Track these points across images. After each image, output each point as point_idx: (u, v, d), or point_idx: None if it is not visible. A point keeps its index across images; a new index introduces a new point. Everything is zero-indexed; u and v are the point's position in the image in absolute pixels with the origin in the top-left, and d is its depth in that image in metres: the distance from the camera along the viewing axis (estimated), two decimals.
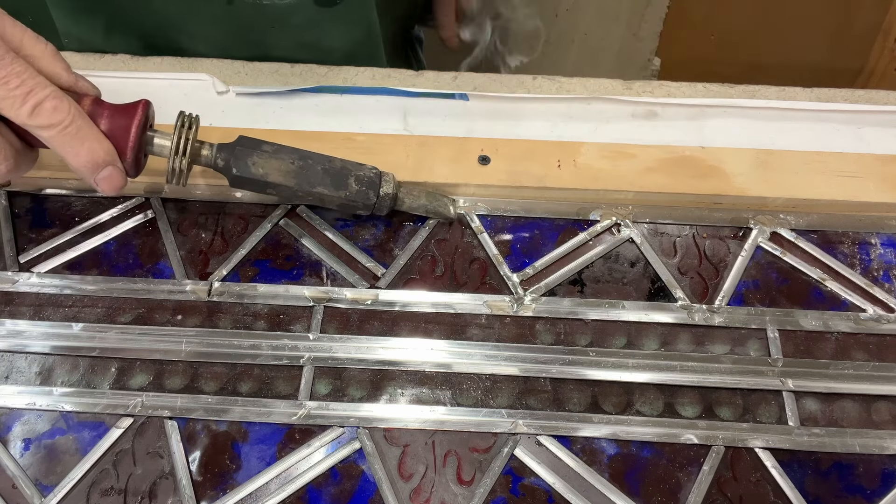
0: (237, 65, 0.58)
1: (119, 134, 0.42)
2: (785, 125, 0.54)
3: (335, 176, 0.46)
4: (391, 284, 0.48)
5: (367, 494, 0.42)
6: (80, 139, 0.40)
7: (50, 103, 0.39)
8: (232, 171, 0.45)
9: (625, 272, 0.49)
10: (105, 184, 0.42)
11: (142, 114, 0.43)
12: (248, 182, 0.46)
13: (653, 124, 0.54)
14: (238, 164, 0.45)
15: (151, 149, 0.44)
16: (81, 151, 0.41)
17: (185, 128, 0.44)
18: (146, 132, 0.44)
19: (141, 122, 0.43)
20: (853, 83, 1.34)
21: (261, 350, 0.46)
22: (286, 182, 0.46)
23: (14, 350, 0.46)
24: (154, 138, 0.44)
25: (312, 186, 0.46)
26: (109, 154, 0.42)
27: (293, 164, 0.46)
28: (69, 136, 0.40)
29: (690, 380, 0.45)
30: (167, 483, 0.42)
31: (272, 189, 0.46)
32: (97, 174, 0.42)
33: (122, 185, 0.43)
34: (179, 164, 0.44)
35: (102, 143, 0.41)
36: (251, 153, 0.45)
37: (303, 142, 0.49)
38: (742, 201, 0.50)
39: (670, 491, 0.42)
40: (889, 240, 0.50)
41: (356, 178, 0.47)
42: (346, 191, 0.46)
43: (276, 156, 0.46)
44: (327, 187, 0.46)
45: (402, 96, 0.56)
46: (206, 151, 0.45)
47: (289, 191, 0.46)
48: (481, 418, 0.44)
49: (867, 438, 0.43)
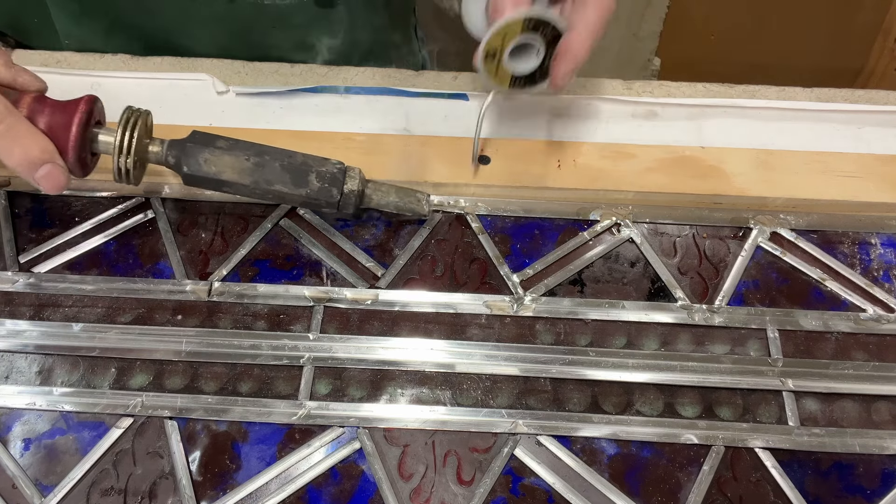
0: (237, 65, 0.58)
1: (59, 132, 0.40)
2: (785, 125, 0.54)
3: (295, 172, 0.44)
4: (391, 284, 0.48)
5: (367, 494, 0.42)
6: (11, 138, 0.39)
7: None
8: (183, 170, 0.43)
9: (625, 272, 0.49)
10: (45, 182, 0.40)
11: (84, 110, 0.41)
12: (202, 181, 0.43)
13: (653, 124, 0.54)
14: (189, 162, 0.43)
15: (97, 146, 0.42)
16: (15, 150, 0.39)
17: (130, 125, 0.42)
18: (90, 129, 0.41)
19: (83, 118, 0.41)
20: (853, 83, 1.34)
21: (261, 350, 0.46)
22: (241, 180, 0.43)
23: (14, 350, 0.46)
24: (99, 135, 0.42)
25: (270, 184, 0.44)
26: (46, 152, 0.40)
27: (248, 161, 0.43)
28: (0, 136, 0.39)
29: (690, 380, 0.45)
30: (167, 483, 0.42)
31: (228, 188, 0.44)
32: (35, 173, 0.40)
33: (64, 183, 0.41)
34: (125, 163, 0.42)
35: (38, 141, 0.40)
36: (203, 150, 0.43)
37: (303, 142, 0.49)
38: (742, 201, 0.50)
39: (670, 491, 0.42)
40: (889, 240, 0.50)
41: (318, 175, 0.45)
42: (307, 188, 0.44)
43: (231, 152, 0.43)
44: (286, 185, 0.44)
45: (402, 96, 0.56)
46: (156, 148, 0.43)
47: (245, 189, 0.44)
48: (481, 418, 0.44)
49: (867, 438, 0.43)
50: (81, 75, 0.56)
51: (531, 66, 0.44)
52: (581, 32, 0.42)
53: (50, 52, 0.57)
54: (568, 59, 0.42)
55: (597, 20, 0.42)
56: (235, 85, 0.56)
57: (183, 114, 0.53)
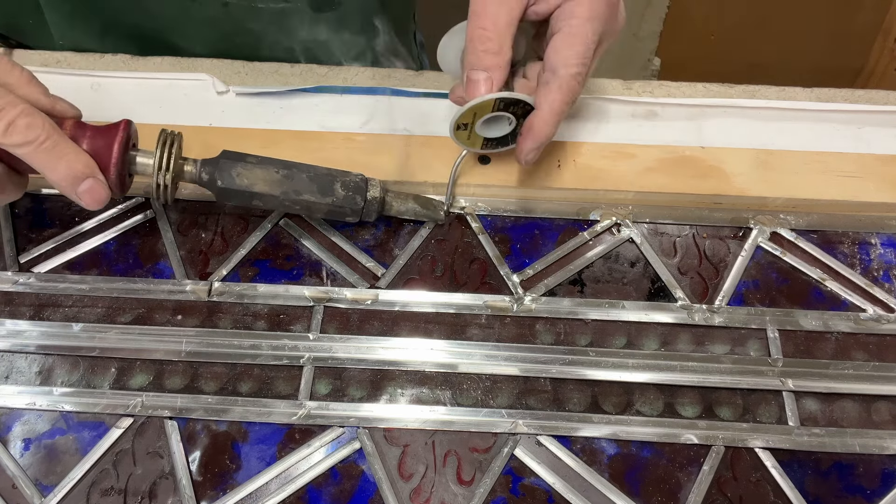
0: (237, 65, 0.58)
1: (101, 152, 0.42)
2: (785, 125, 0.54)
3: (321, 183, 0.46)
4: (391, 284, 0.48)
5: (367, 494, 0.42)
6: (56, 154, 0.40)
7: (23, 121, 0.39)
8: (217, 184, 0.45)
9: (625, 272, 0.49)
10: (87, 196, 0.42)
11: (123, 133, 0.43)
12: (234, 194, 0.45)
13: (653, 124, 0.54)
14: (222, 176, 0.45)
15: (135, 168, 0.44)
16: (60, 166, 0.40)
17: (168, 145, 0.44)
18: (128, 151, 0.44)
19: (123, 140, 0.43)
20: (853, 83, 1.34)
21: (261, 350, 0.46)
22: (272, 191, 0.45)
23: (14, 350, 0.46)
24: (137, 157, 0.44)
25: (299, 194, 0.45)
26: (88, 167, 0.41)
27: (278, 174, 0.45)
28: (45, 152, 0.40)
29: (690, 380, 0.45)
30: (167, 483, 0.42)
31: (258, 200, 0.46)
32: (78, 187, 0.41)
33: (105, 197, 0.42)
34: (163, 180, 0.44)
35: (80, 157, 0.41)
36: (235, 165, 0.45)
37: (303, 142, 0.49)
38: (742, 201, 0.50)
39: (670, 491, 0.42)
40: (889, 240, 0.50)
41: (342, 184, 0.46)
42: (333, 196, 0.46)
43: (261, 166, 0.45)
44: (314, 194, 0.46)
45: (402, 96, 0.56)
46: (190, 167, 0.45)
47: (275, 200, 0.46)
48: (481, 418, 0.44)
49: (867, 438, 0.43)
50: (81, 75, 0.55)
51: (503, 132, 0.46)
52: (546, 113, 0.44)
53: (50, 52, 0.57)
54: (532, 137, 0.45)
55: (561, 102, 0.44)
56: (235, 85, 0.56)
57: (183, 114, 0.53)
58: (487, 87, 0.43)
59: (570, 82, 0.44)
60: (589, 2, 0.43)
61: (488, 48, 0.43)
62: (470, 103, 0.44)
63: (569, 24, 0.43)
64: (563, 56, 0.43)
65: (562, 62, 0.43)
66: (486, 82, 0.43)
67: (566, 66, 0.43)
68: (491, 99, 0.43)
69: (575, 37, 0.43)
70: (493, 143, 0.47)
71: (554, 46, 0.44)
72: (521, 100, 0.44)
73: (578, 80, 0.44)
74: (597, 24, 0.44)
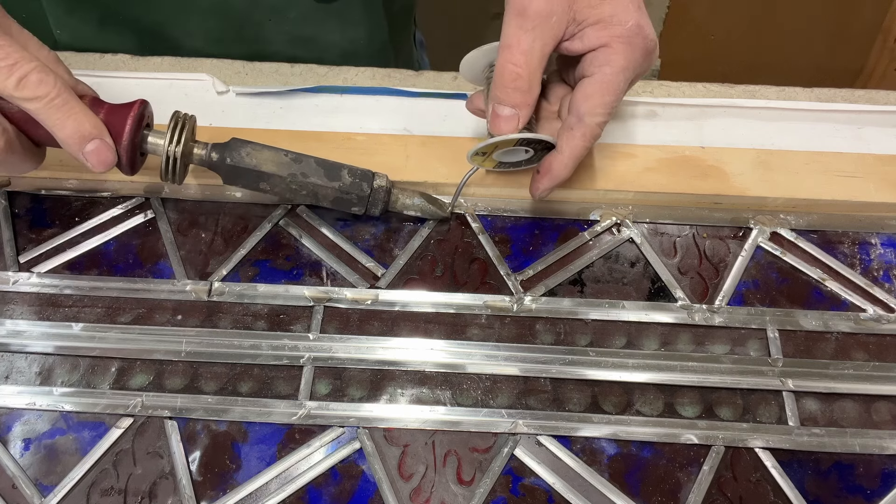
0: (237, 65, 0.58)
1: (115, 123, 0.43)
2: (785, 125, 0.54)
3: (329, 168, 0.47)
4: (391, 284, 0.48)
5: (367, 494, 0.42)
6: (65, 112, 0.41)
7: (36, 76, 0.40)
8: (226, 162, 0.45)
9: (625, 272, 0.49)
10: (93, 157, 0.42)
11: (138, 109, 0.43)
12: (242, 173, 0.46)
13: (653, 124, 0.54)
14: (232, 155, 0.45)
15: (146, 146, 0.44)
16: (68, 123, 0.41)
17: (181, 124, 0.44)
18: (142, 129, 0.44)
19: (136, 115, 0.43)
20: (853, 83, 1.34)
21: (261, 350, 0.46)
22: (279, 172, 0.46)
23: (14, 350, 0.46)
24: (149, 136, 0.44)
25: (306, 177, 0.46)
26: (97, 128, 0.42)
27: (286, 157, 0.46)
28: (55, 109, 0.40)
29: (690, 380, 0.45)
30: (167, 483, 0.42)
31: (265, 182, 0.46)
32: (84, 147, 0.42)
33: (112, 161, 0.43)
34: (174, 153, 0.44)
35: (89, 118, 0.41)
36: (245, 145, 0.46)
37: (303, 142, 0.49)
38: (742, 201, 0.50)
39: (670, 491, 0.42)
40: (889, 240, 0.50)
41: (350, 171, 0.47)
42: (340, 182, 0.46)
43: (270, 149, 0.46)
44: (321, 178, 0.46)
45: (402, 96, 0.56)
46: (200, 150, 0.46)
47: (282, 182, 0.46)
48: (481, 418, 0.44)
49: (867, 438, 0.43)
50: (81, 75, 0.55)
51: (518, 158, 0.47)
52: (567, 157, 0.44)
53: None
54: (550, 178, 0.45)
55: (582, 147, 0.44)
56: (235, 85, 0.56)
57: None
58: (513, 124, 0.43)
59: (595, 130, 0.44)
60: (625, 50, 0.42)
61: (518, 86, 0.42)
62: (495, 139, 0.44)
63: (602, 72, 0.43)
64: (592, 104, 0.43)
65: (589, 110, 0.43)
66: (512, 119, 0.43)
67: (593, 114, 0.43)
68: (515, 138, 0.43)
69: (607, 85, 0.43)
70: (506, 165, 0.47)
71: (584, 92, 0.43)
72: (543, 139, 0.44)
73: (602, 127, 0.44)
74: (630, 74, 0.43)
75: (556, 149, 0.45)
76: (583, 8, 0.42)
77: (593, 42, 0.42)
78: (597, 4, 0.42)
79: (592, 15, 0.42)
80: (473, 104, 0.49)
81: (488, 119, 0.44)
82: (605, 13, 0.42)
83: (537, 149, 0.45)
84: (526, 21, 0.42)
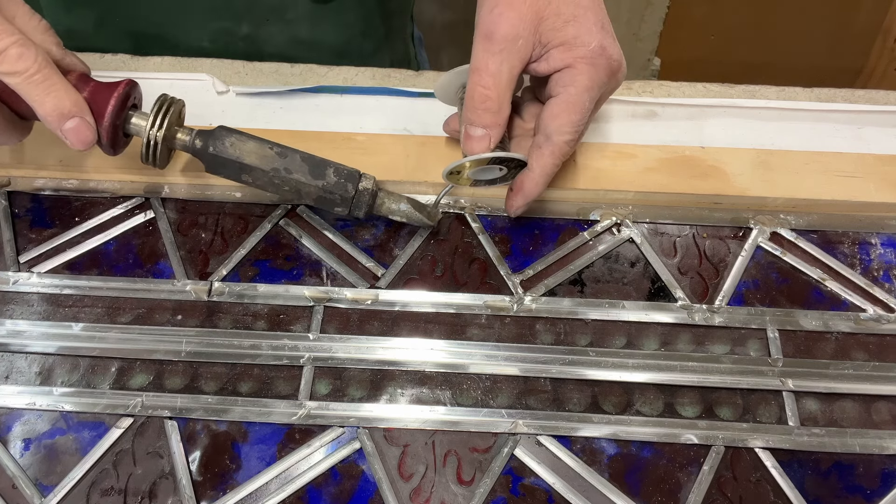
0: (237, 65, 0.58)
1: (99, 101, 0.42)
2: (785, 125, 0.54)
3: (313, 165, 0.46)
4: (391, 284, 0.48)
5: (367, 494, 0.42)
6: (45, 88, 0.40)
7: (15, 50, 0.39)
8: (208, 150, 0.45)
9: (625, 272, 0.49)
10: (72, 135, 0.41)
11: (123, 88, 0.43)
12: (224, 163, 0.45)
13: (653, 124, 0.54)
14: (215, 144, 0.45)
15: (130, 127, 0.44)
16: (47, 100, 0.40)
17: (165, 107, 0.44)
18: (126, 109, 0.43)
19: (121, 95, 0.42)
20: (853, 83, 1.34)
21: (261, 350, 0.46)
22: (262, 165, 0.45)
23: (14, 350, 0.46)
24: (133, 117, 0.44)
25: (289, 173, 0.45)
26: (77, 106, 0.41)
27: (271, 150, 0.45)
28: (34, 84, 0.40)
29: (690, 380, 0.45)
30: (167, 483, 0.42)
31: (247, 174, 0.45)
32: (63, 124, 0.41)
33: (91, 140, 0.42)
34: (154, 137, 0.43)
35: (70, 95, 0.41)
36: (230, 134, 0.45)
37: (303, 142, 0.49)
38: (742, 201, 0.50)
39: (670, 491, 0.42)
40: (889, 240, 0.50)
41: (335, 170, 0.46)
42: (324, 181, 0.46)
43: (255, 141, 0.46)
44: (304, 175, 0.45)
45: (402, 96, 0.56)
46: (185, 136, 0.45)
47: (265, 176, 0.45)
48: (481, 418, 0.44)
49: (867, 438, 0.43)
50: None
51: (492, 176, 0.47)
52: (537, 175, 0.45)
53: None
54: (522, 195, 0.46)
55: (552, 165, 0.45)
56: (235, 85, 0.56)
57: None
58: (485, 144, 0.44)
59: (563, 148, 0.45)
60: (589, 70, 0.43)
61: (488, 107, 0.44)
62: (467, 158, 0.45)
63: (567, 92, 0.44)
64: (559, 123, 0.44)
65: (556, 129, 0.44)
66: (483, 139, 0.44)
67: (560, 133, 0.44)
68: (487, 157, 0.44)
69: (572, 105, 0.44)
70: (481, 182, 0.48)
71: (551, 111, 0.44)
72: (514, 157, 0.45)
73: (571, 145, 0.45)
74: (595, 93, 0.44)
75: (528, 167, 0.46)
76: (548, 31, 0.43)
77: (558, 63, 0.44)
78: (561, 27, 0.43)
79: (557, 37, 0.43)
80: (449, 126, 0.50)
81: (461, 139, 0.45)
82: (569, 35, 0.43)
83: (510, 166, 0.46)
84: (493, 45, 0.43)
